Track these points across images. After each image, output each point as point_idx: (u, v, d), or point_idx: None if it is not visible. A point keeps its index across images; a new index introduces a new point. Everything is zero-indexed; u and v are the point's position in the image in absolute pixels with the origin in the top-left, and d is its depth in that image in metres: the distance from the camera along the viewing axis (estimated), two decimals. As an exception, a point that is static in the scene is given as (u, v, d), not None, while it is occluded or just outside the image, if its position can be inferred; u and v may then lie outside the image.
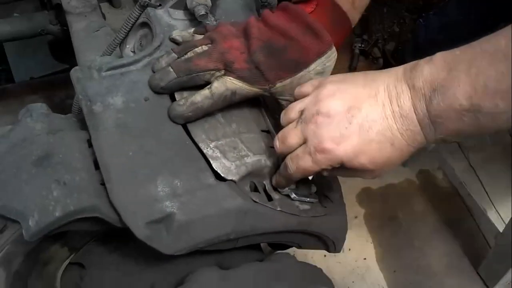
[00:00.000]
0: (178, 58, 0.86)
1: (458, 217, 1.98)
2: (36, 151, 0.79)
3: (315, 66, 0.86)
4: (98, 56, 0.99)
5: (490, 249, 1.79)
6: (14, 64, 2.25)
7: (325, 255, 1.84)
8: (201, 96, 0.82)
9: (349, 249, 1.90)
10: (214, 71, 0.84)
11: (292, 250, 1.67)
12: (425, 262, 1.88)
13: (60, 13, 1.41)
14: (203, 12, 0.96)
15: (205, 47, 0.87)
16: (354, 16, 0.94)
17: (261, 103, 0.93)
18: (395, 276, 1.86)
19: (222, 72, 0.84)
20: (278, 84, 0.85)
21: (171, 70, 0.83)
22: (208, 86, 0.83)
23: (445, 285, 1.84)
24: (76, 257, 0.92)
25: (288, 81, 0.85)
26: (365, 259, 1.89)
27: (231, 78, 0.83)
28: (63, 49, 1.54)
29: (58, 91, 2.00)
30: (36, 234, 0.73)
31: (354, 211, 1.99)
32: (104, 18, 1.43)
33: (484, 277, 1.79)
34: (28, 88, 2.10)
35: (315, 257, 1.79)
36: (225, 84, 0.83)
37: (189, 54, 0.87)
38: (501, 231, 1.72)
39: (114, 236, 0.90)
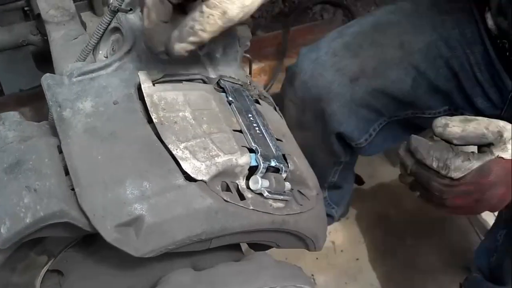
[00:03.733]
0: None
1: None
2: (7, 159, 0.80)
3: None
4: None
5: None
6: (3, 76, 2.26)
7: (317, 258, 1.84)
8: None
9: (341, 250, 1.91)
10: None
11: (285, 253, 1.68)
12: (418, 260, 1.88)
13: (41, 23, 1.42)
14: (173, 16, 0.96)
15: None
16: None
17: (233, 104, 0.93)
18: (388, 275, 1.86)
19: None
20: None
21: None
22: None
23: (439, 282, 1.84)
24: (54, 264, 0.92)
25: None
26: (357, 259, 1.89)
27: None
28: (46, 59, 1.55)
29: (47, 102, 2.01)
30: (8, 241, 0.74)
31: (346, 212, 1.99)
32: (85, 26, 1.44)
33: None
34: (18, 100, 2.10)
35: (307, 259, 1.79)
36: None
37: None
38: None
39: (90, 242, 0.91)
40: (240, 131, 0.89)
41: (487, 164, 0.89)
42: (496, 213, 1.60)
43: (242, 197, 0.83)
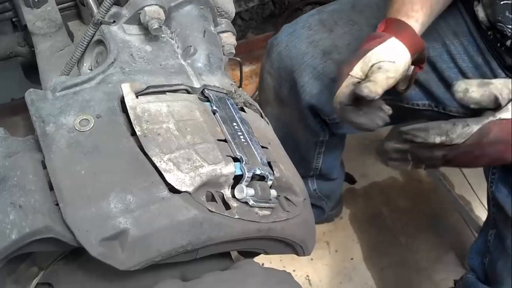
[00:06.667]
0: None
1: (443, 211, 1.99)
2: (-8, 176, 0.80)
3: None
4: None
5: (475, 242, 1.79)
6: (-6, 86, 2.26)
7: (312, 259, 1.85)
8: None
9: (336, 251, 1.91)
10: None
11: (279, 256, 1.67)
12: (412, 258, 1.89)
13: (28, 34, 1.42)
14: (156, 26, 0.97)
15: None
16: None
17: (218, 113, 0.94)
18: (382, 274, 1.86)
19: None
20: None
21: None
22: None
23: (433, 279, 1.84)
24: (44, 276, 0.92)
25: None
26: (352, 259, 1.90)
27: None
28: (35, 70, 1.55)
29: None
30: (-5, 257, 0.74)
31: (339, 212, 2.00)
32: (72, 36, 1.44)
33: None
34: (9, 109, 2.12)
35: (302, 260, 1.80)
36: None
37: None
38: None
39: (79, 254, 0.91)
40: (225, 140, 0.90)
41: (487, 125, 1.00)
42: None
43: (227, 206, 0.84)
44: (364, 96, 1.05)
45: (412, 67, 1.17)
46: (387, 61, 1.07)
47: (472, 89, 1.01)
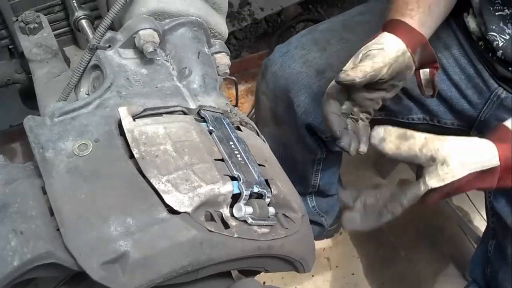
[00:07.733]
0: None
1: (442, 223, 1.99)
2: (-8, 203, 0.81)
3: None
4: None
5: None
6: (-8, 113, 2.26)
7: (313, 275, 1.85)
8: None
9: (336, 266, 1.91)
10: None
11: (280, 273, 1.67)
12: (413, 271, 1.89)
13: (25, 61, 1.44)
14: (151, 49, 0.98)
15: None
16: None
17: (214, 133, 0.95)
18: (384, 288, 1.86)
19: None
20: None
21: None
22: None
23: (434, 292, 1.84)
24: (46, 301, 0.93)
25: None
26: (353, 274, 1.90)
27: None
28: (33, 96, 1.56)
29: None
30: (-3, 284, 0.75)
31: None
32: (69, 62, 1.45)
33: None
34: (8, 136, 2.12)
35: (303, 278, 1.80)
36: None
37: None
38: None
39: (81, 278, 0.91)
40: (222, 160, 0.91)
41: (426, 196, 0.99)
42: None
43: (226, 225, 0.85)
44: (340, 81, 1.04)
45: (427, 70, 1.17)
46: (376, 49, 1.08)
47: (389, 140, 0.98)
